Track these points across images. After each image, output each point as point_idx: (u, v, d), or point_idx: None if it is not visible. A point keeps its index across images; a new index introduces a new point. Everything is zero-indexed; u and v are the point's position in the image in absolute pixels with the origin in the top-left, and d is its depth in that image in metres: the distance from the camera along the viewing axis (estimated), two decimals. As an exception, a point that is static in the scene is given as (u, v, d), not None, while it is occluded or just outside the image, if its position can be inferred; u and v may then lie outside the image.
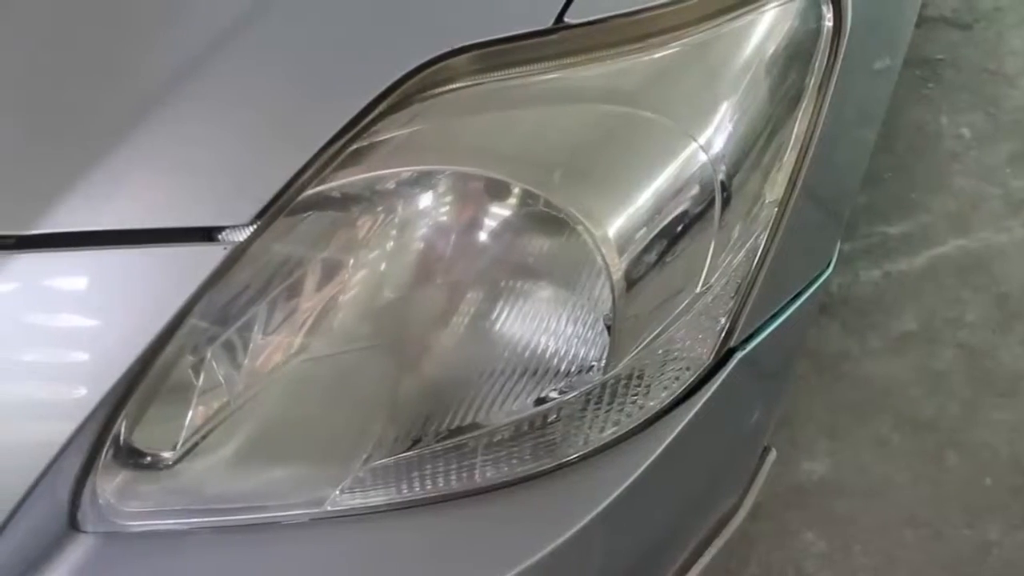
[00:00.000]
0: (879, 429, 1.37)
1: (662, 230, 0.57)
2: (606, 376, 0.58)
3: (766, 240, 0.63)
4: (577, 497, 0.60)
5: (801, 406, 1.39)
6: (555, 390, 0.57)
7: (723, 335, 0.63)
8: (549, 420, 0.58)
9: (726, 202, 0.59)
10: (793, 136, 0.63)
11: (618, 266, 0.55)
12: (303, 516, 0.60)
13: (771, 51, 0.60)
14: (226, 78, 0.53)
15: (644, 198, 0.56)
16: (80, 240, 0.51)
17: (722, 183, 0.58)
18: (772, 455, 0.82)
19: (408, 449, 0.58)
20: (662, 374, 0.60)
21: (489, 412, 0.57)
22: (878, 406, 1.39)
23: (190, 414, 0.57)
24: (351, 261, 0.56)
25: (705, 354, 0.63)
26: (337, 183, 0.53)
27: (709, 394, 0.63)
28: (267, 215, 0.52)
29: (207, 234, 0.52)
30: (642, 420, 0.61)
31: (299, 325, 0.56)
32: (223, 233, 0.52)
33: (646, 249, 0.56)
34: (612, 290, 0.55)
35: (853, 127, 0.75)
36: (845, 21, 0.63)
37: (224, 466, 0.59)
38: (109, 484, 0.57)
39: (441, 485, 0.60)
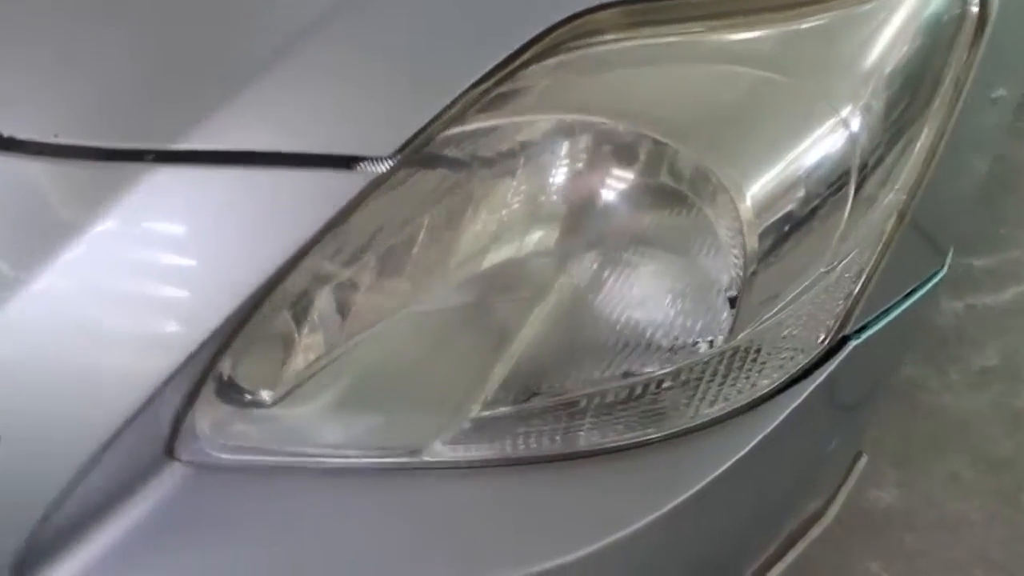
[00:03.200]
0: (953, 464, 1.33)
1: (798, 203, 0.55)
2: (725, 347, 0.56)
3: (892, 227, 0.62)
4: (677, 471, 0.59)
5: (873, 432, 1.35)
6: (674, 356, 0.56)
7: (840, 320, 0.62)
8: (663, 386, 0.57)
9: (861, 182, 0.58)
10: (927, 124, 0.62)
11: (752, 236, 0.54)
12: (400, 464, 0.59)
13: (916, 32, 0.59)
14: (377, 15, 0.53)
15: (784, 169, 0.55)
16: (218, 159, 0.51)
17: (859, 162, 0.57)
18: (863, 461, 0.80)
19: (515, 404, 0.58)
20: (777, 352, 0.59)
21: (604, 373, 0.57)
22: (953, 440, 1.35)
23: (294, 356, 0.57)
24: (476, 211, 0.55)
25: (819, 338, 0.62)
26: (476, 126, 0.53)
27: (820, 380, 0.62)
28: (408, 150, 0.52)
29: (347, 162, 0.52)
30: (751, 399, 0.60)
31: (415, 273, 0.56)
32: (363, 163, 0.52)
33: (780, 221, 0.55)
34: (743, 260, 0.54)
35: (981, 131, 0.73)
36: (991, 10, 0.61)
37: (324, 410, 0.59)
38: (209, 418, 0.58)
39: (546, 444, 0.59)
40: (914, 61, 0.60)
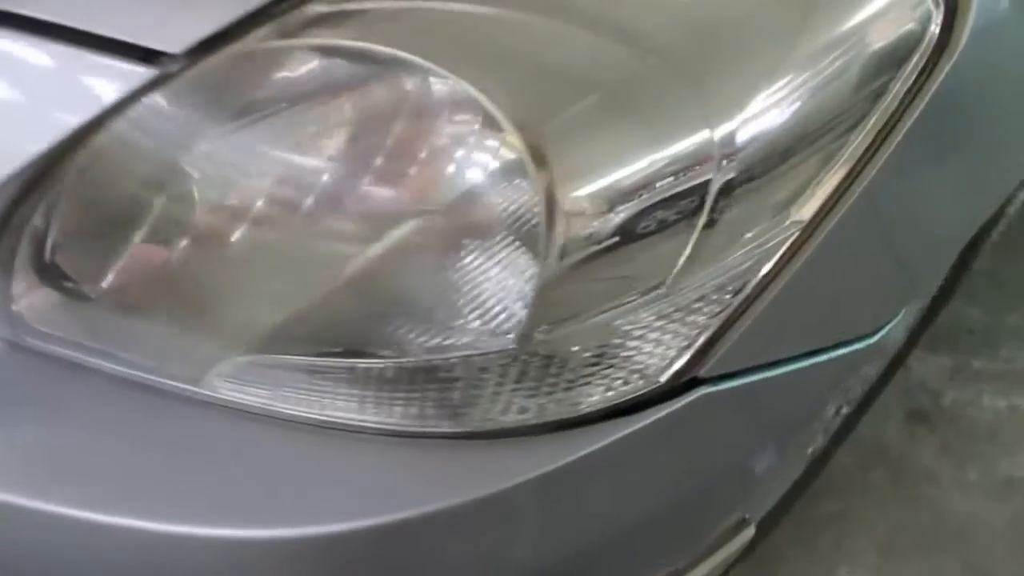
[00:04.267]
0: (941, 567, 1.18)
1: (633, 211, 0.48)
2: (516, 349, 0.49)
3: (775, 264, 0.52)
4: (457, 475, 0.53)
5: (862, 511, 1.22)
6: (460, 345, 0.50)
7: (689, 358, 0.53)
8: (442, 375, 0.51)
9: (724, 205, 0.49)
10: (850, 150, 0.52)
11: (564, 231, 0.47)
12: (181, 391, 0.56)
13: (856, 38, 0.50)
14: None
15: (625, 168, 0.47)
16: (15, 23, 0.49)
17: (725, 184, 0.48)
18: (749, 532, 0.71)
19: (297, 354, 0.53)
20: (589, 373, 0.51)
21: (380, 345, 0.51)
22: (948, 543, 1.20)
23: (121, 255, 0.54)
24: (291, 138, 0.51)
25: (659, 373, 0.53)
26: (289, 43, 0.48)
27: (651, 420, 0.53)
28: (202, 55, 0.48)
29: (141, 54, 0.48)
30: (557, 419, 0.52)
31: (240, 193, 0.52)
32: (157, 58, 0.48)
33: (604, 224, 0.47)
34: (547, 255, 0.47)
35: (958, 175, 0.62)
36: (960, 30, 0.51)
37: (136, 318, 0.57)
38: (27, 298, 0.56)
39: (325, 406, 0.54)
40: (846, 74, 0.50)
